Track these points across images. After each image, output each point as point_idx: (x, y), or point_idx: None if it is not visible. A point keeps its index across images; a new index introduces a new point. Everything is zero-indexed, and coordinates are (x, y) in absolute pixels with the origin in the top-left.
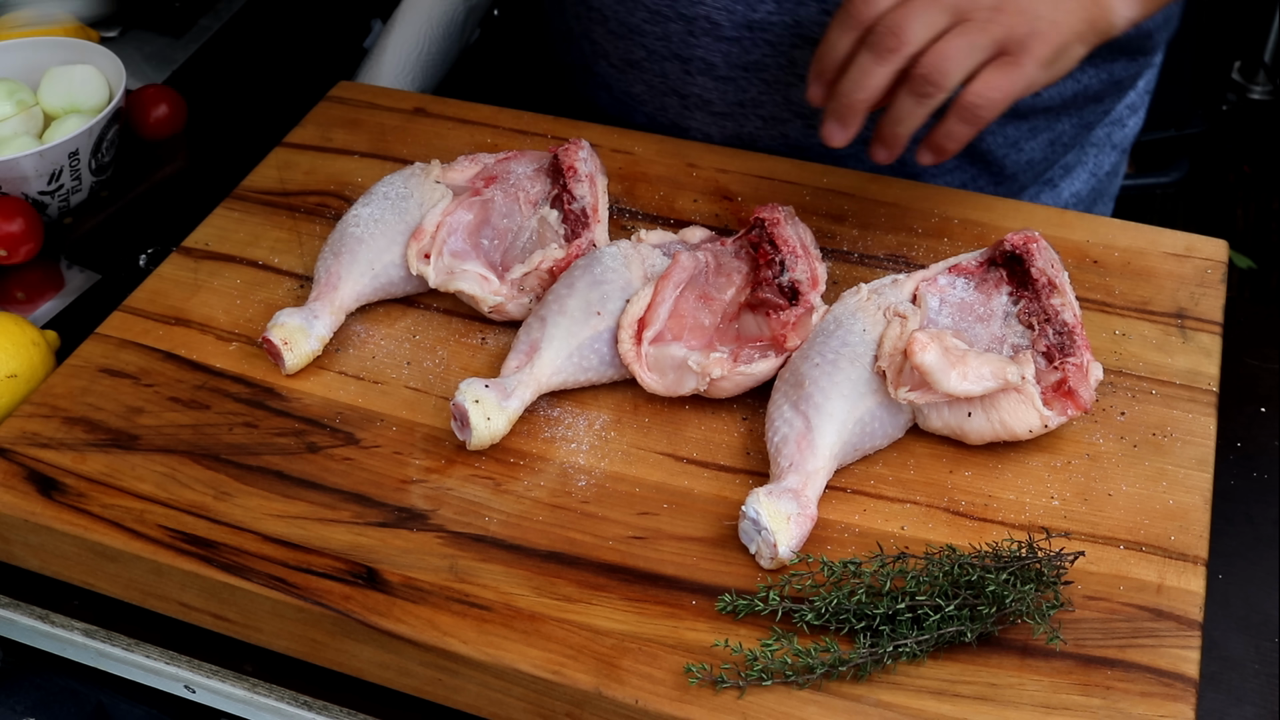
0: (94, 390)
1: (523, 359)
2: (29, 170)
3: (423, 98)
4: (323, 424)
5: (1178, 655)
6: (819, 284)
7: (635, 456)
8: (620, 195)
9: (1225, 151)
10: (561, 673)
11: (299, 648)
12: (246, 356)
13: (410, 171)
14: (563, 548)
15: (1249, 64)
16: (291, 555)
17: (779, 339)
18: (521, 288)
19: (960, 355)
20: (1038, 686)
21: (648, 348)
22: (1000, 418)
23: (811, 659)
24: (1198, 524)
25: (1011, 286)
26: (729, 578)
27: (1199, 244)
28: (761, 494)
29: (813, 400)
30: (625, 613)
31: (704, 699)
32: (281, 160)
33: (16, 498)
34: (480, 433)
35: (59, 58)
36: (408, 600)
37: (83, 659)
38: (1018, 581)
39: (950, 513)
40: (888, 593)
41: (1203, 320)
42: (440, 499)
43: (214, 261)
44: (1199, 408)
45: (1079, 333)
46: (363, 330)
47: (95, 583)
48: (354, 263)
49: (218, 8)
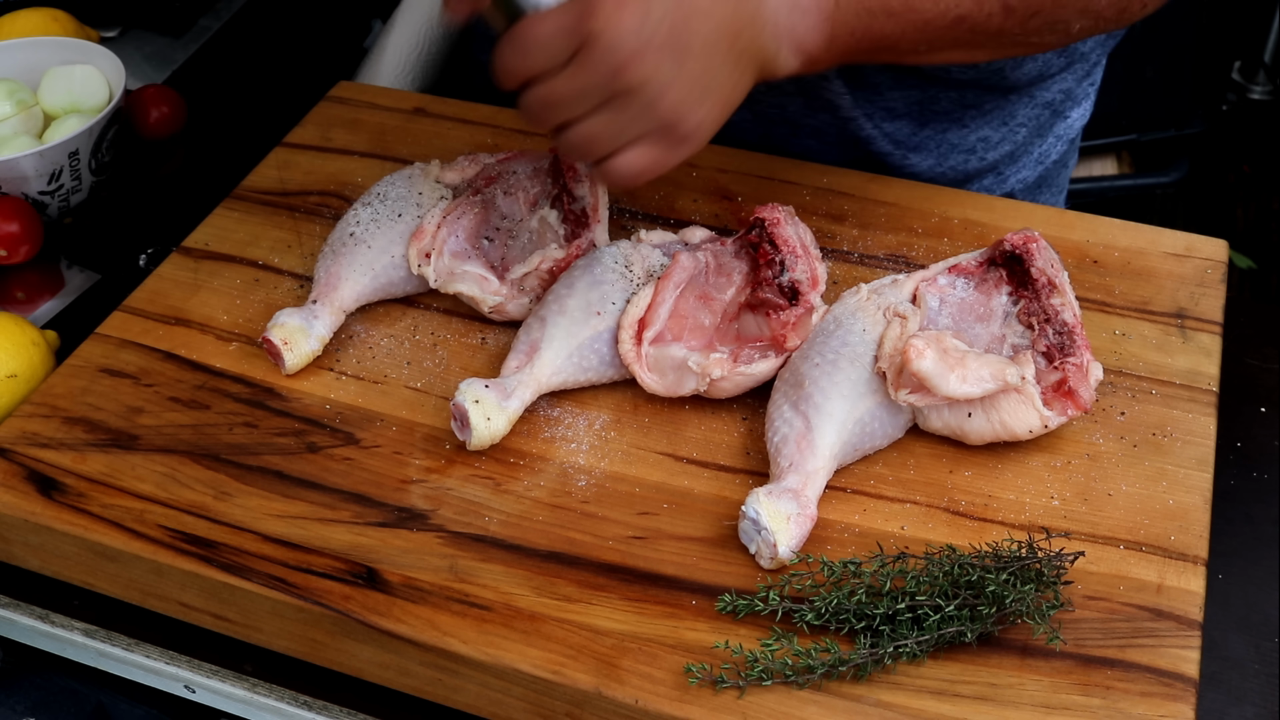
0: (94, 390)
1: (523, 359)
2: (29, 170)
3: (423, 98)
4: (323, 424)
5: (1178, 655)
6: (819, 284)
7: (635, 456)
8: (620, 195)
9: (1225, 151)
10: (561, 673)
11: (299, 648)
12: (246, 356)
13: (410, 171)
14: (563, 548)
15: (1249, 64)
16: (291, 555)
17: (779, 339)
18: (521, 288)
19: (960, 357)
20: (1038, 686)
21: (648, 348)
22: (1000, 418)
23: (811, 659)
24: (1198, 524)
25: (1011, 286)
26: (729, 578)
27: (1199, 244)
28: (761, 494)
29: (813, 400)
30: (625, 613)
31: (704, 699)
32: (281, 160)
33: (16, 498)
34: (480, 433)
35: (59, 58)
36: (408, 600)
37: (83, 659)
38: (1018, 581)
39: (950, 513)
40: (888, 593)
41: (1203, 320)
42: (440, 499)
43: (214, 261)
44: (1199, 408)
45: (1079, 333)
46: (363, 330)
47: (95, 583)
48: (354, 263)
49: (218, 8)
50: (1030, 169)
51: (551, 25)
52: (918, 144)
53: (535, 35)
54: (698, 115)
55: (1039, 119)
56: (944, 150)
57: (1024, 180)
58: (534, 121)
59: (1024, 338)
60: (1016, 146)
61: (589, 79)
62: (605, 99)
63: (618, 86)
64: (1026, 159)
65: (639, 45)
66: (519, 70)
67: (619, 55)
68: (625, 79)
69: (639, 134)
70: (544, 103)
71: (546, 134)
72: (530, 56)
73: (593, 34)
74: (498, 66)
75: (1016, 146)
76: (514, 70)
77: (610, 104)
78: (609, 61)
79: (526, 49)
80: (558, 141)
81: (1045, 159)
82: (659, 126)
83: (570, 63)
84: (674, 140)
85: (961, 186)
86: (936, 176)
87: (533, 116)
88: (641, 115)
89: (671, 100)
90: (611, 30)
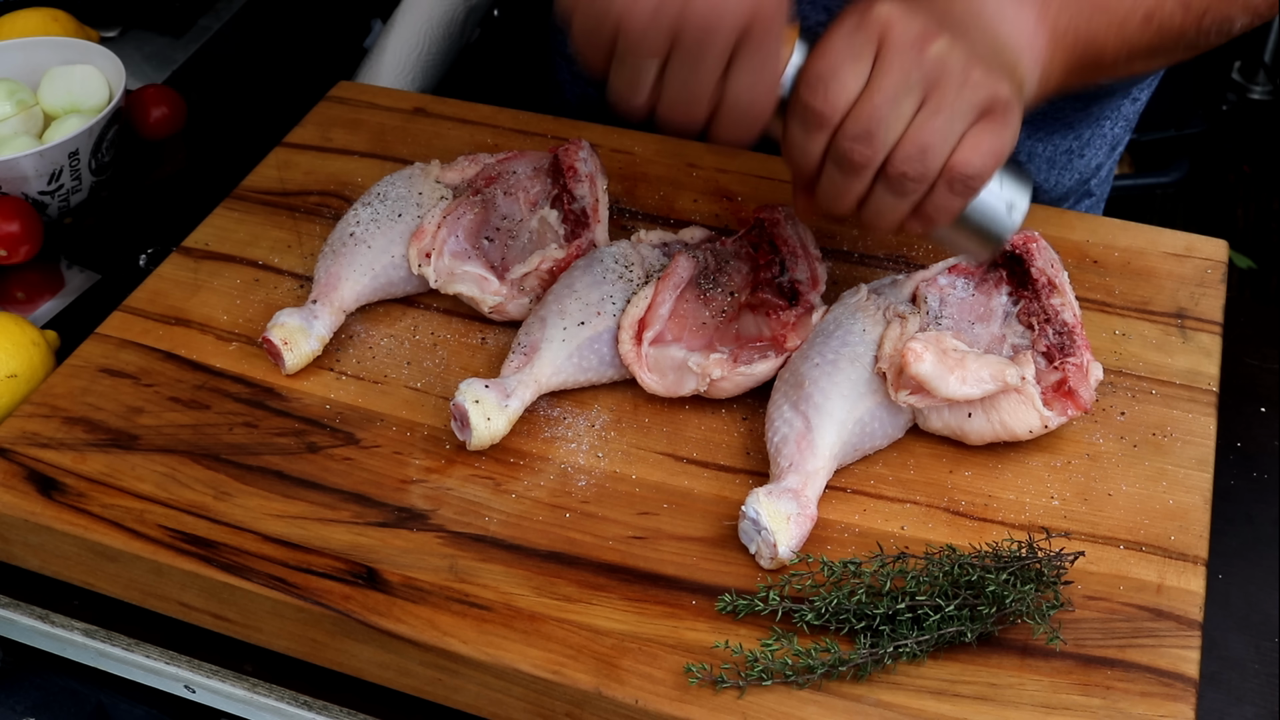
0: (94, 390)
1: (523, 359)
2: (29, 170)
3: (423, 98)
4: (323, 424)
5: (1178, 655)
6: (819, 284)
7: (635, 456)
8: (620, 195)
9: (1225, 151)
10: (561, 673)
11: (299, 648)
12: (246, 356)
13: (410, 171)
14: (563, 548)
15: (1249, 64)
16: (291, 555)
17: (779, 339)
18: (521, 288)
19: (959, 358)
20: (1038, 686)
21: (648, 348)
22: (1000, 418)
23: (811, 659)
24: (1198, 524)
25: (1011, 286)
26: (729, 578)
27: (1199, 244)
28: (761, 494)
29: (813, 400)
30: (625, 613)
31: (704, 699)
32: (281, 160)
33: (16, 498)
34: (480, 433)
35: (59, 58)
36: (408, 600)
37: (83, 659)
38: (1018, 581)
39: (950, 513)
40: (888, 593)
41: (1203, 320)
42: (440, 499)
43: (214, 261)
44: (1199, 408)
45: (1079, 333)
46: (363, 330)
47: (95, 583)
48: (354, 263)
49: (218, 8)
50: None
51: (843, 40)
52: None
53: (831, 58)
54: (1006, 85)
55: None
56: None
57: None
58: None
59: (1024, 338)
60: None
61: (900, 68)
62: (921, 93)
63: (927, 65)
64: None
65: (925, 22)
66: (833, 106)
67: (914, 30)
68: (930, 51)
69: (965, 123)
70: (865, 127)
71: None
72: (837, 79)
73: (884, 23)
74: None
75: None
76: (827, 109)
77: (930, 96)
78: (909, 37)
79: (830, 74)
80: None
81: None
82: (983, 101)
83: (873, 71)
84: (999, 114)
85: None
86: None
87: (855, 158)
88: (959, 98)
89: (980, 69)
90: (898, 15)
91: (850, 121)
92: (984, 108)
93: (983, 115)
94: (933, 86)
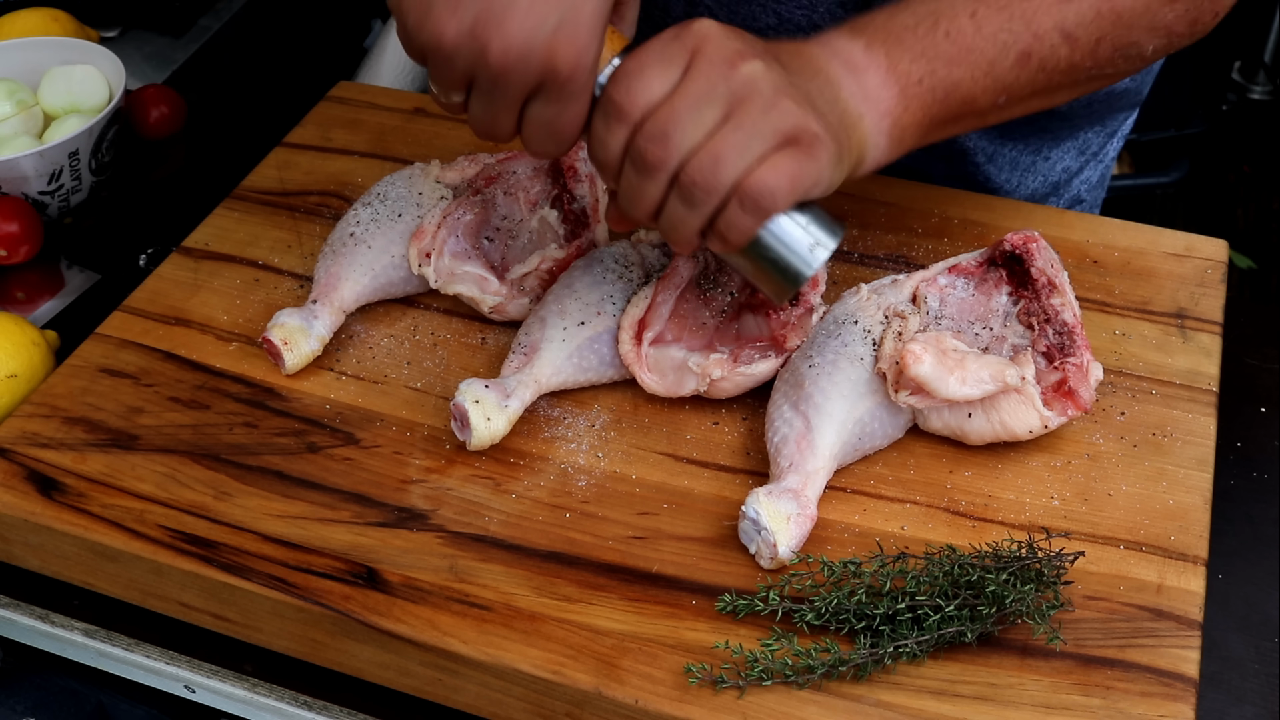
0: (94, 390)
1: (522, 359)
2: (29, 170)
3: (423, 98)
4: (323, 424)
5: (1178, 655)
6: (819, 284)
7: (635, 456)
8: None
9: (1225, 151)
10: (561, 673)
11: (299, 648)
12: (246, 356)
13: (410, 171)
14: (563, 548)
15: (1249, 64)
16: (291, 555)
17: (779, 339)
18: (521, 288)
19: (959, 359)
20: (1038, 686)
21: (648, 349)
22: (1000, 418)
23: (811, 659)
24: (1198, 524)
25: (1011, 286)
26: (729, 578)
27: (1199, 244)
28: (761, 494)
29: (812, 400)
30: (625, 613)
31: (704, 699)
32: (281, 160)
33: (16, 498)
34: (480, 433)
35: (59, 58)
36: (408, 600)
37: (83, 659)
38: (1018, 581)
39: (950, 513)
40: (888, 593)
41: (1203, 320)
42: (440, 499)
43: (214, 261)
44: (1199, 408)
45: (1079, 333)
46: (363, 330)
47: (95, 583)
48: (354, 263)
49: (218, 8)
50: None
51: (658, 45)
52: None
53: (642, 58)
54: (818, 121)
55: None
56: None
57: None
58: (650, 163)
59: (1024, 338)
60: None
61: (706, 79)
62: (725, 107)
63: (735, 82)
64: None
65: (743, 44)
66: (633, 102)
67: (730, 48)
68: (742, 70)
69: (766, 145)
70: (663, 128)
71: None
72: (642, 77)
73: (701, 36)
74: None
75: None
76: (627, 104)
77: (734, 112)
78: (723, 53)
79: (636, 72)
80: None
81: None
82: (789, 129)
83: (681, 79)
84: (805, 145)
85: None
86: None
87: (649, 157)
88: (764, 119)
89: (790, 100)
90: (717, 33)
91: (650, 121)
92: (789, 135)
93: (787, 142)
94: (738, 104)
